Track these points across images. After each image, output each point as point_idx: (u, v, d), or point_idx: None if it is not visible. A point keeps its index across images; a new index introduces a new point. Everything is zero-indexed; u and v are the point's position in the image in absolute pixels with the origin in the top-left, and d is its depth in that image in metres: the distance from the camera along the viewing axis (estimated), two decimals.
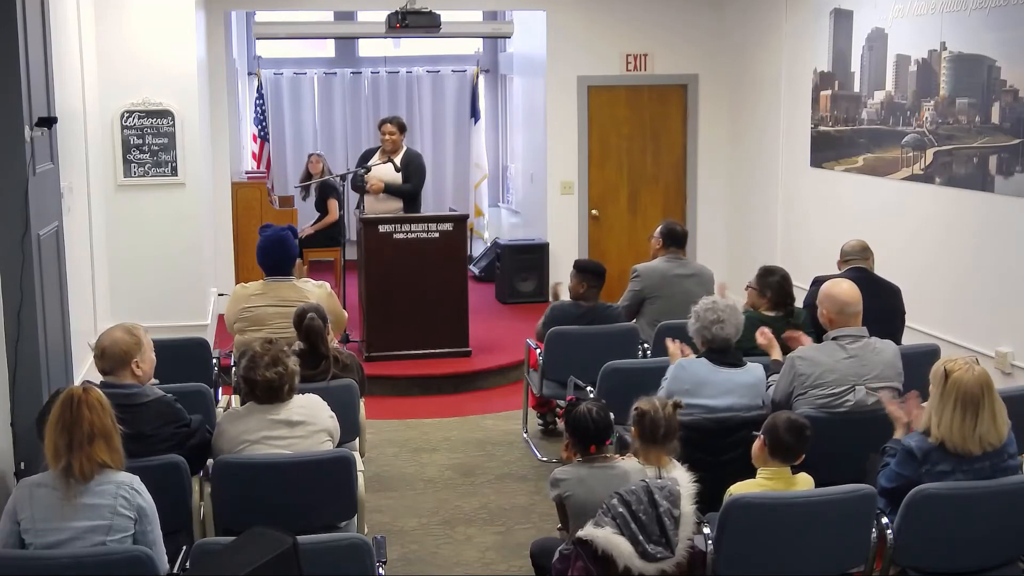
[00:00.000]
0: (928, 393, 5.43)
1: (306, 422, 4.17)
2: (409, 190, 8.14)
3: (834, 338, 4.58)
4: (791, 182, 8.76)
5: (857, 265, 5.76)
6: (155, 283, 7.98)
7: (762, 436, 3.88)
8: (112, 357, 4.05)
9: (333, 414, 4.33)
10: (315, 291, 5.71)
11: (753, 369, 4.75)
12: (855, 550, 3.79)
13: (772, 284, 5.48)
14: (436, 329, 7.89)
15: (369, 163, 8.17)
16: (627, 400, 4.07)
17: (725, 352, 4.71)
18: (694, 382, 4.63)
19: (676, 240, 6.55)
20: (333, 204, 10.02)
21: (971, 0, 6.33)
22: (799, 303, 5.67)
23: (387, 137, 8.16)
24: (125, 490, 3.38)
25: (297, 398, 4.23)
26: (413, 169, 8.14)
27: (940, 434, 3.73)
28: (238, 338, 5.68)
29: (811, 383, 4.49)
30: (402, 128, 8.23)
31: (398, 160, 8.07)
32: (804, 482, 3.91)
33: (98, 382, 4.00)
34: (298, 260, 6.23)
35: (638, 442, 3.94)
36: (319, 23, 11.41)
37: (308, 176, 10.55)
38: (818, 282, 5.24)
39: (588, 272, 6.37)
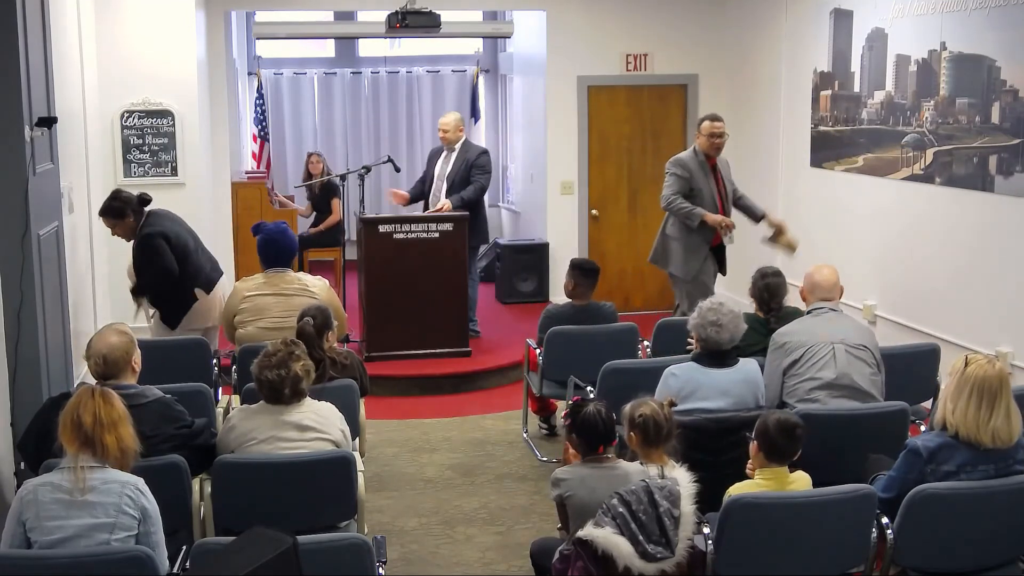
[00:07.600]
0: (924, 394, 5.52)
1: (316, 429, 4.16)
2: None
3: (807, 313, 5.00)
4: (791, 182, 8.75)
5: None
6: None
7: (755, 440, 3.88)
8: (115, 362, 4.09)
9: (346, 428, 4.32)
10: (316, 283, 5.75)
11: (745, 365, 4.73)
12: (855, 550, 3.79)
13: (758, 286, 5.57)
14: (436, 329, 7.88)
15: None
16: (627, 400, 4.06)
17: (719, 356, 4.70)
18: (685, 389, 4.61)
19: None
20: (337, 204, 10.03)
21: (971, 0, 6.33)
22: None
23: None
24: (130, 490, 3.39)
25: (312, 403, 4.23)
26: None
27: (955, 421, 3.71)
28: (240, 332, 5.69)
29: (792, 348, 4.75)
30: None
31: None
32: (802, 480, 3.91)
33: (94, 384, 4.01)
34: None
35: (640, 447, 3.94)
36: (319, 23, 11.42)
37: (309, 176, 10.55)
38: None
39: (577, 269, 6.42)
